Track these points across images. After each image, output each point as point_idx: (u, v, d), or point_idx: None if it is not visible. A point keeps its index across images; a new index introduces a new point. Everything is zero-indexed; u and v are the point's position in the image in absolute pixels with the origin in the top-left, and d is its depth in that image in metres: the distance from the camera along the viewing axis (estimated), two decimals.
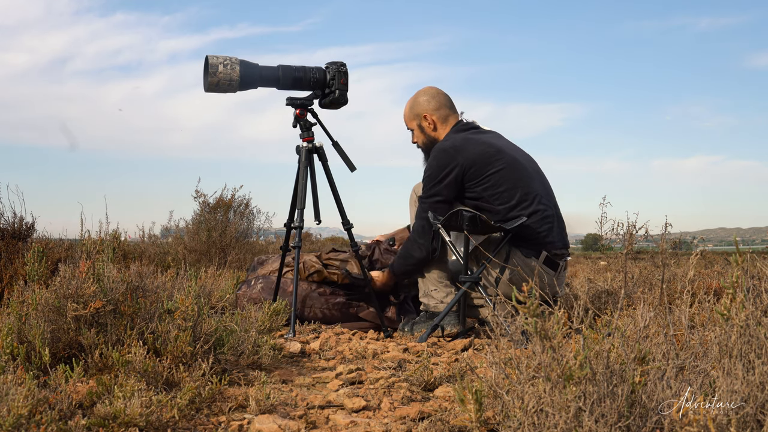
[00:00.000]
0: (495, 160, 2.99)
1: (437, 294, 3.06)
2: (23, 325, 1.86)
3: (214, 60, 2.88)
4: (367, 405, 1.76)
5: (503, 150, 3.04)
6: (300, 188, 3.00)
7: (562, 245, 3.05)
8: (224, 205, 6.26)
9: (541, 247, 2.97)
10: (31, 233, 3.67)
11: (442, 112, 3.19)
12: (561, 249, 3.04)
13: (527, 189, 2.99)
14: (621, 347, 1.27)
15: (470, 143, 3.02)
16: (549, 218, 3.00)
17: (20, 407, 1.31)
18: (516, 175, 2.99)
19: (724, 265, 3.81)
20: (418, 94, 3.24)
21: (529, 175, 3.04)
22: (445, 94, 3.24)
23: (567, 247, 3.10)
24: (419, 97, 3.22)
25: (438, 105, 3.19)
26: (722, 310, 1.25)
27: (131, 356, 1.76)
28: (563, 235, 3.09)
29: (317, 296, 3.23)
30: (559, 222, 3.09)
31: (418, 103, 3.20)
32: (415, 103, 3.22)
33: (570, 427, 1.16)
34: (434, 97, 3.20)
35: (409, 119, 3.24)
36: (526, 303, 1.28)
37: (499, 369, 1.42)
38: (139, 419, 1.47)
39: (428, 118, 3.18)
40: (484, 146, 3.02)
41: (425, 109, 3.18)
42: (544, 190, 3.08)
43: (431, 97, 3.20)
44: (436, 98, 3.20)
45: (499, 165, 2.98)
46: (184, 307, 1.94)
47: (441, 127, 3.18)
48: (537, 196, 3.00)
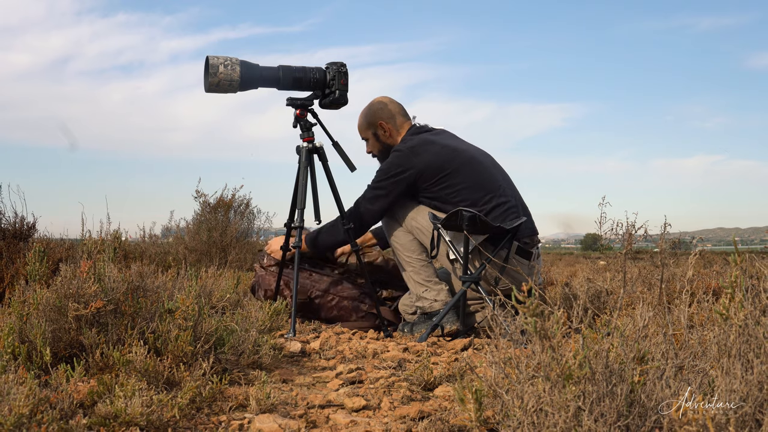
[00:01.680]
0: (451, 159, 3.08)
1: (429, 293, 3.08)
2: (24, 324, 1.86)
3: (215, 60, 2.88)
4: (367, 404, 1.76)
5: (459, 149, 3.14)
6: (300, 188, 3.00)
7: (531, 232, 3.13)
8: (225, 205, 6.26)
9: (511, 238, 3.01)
10: (33, 233, 3.68)
11: (398, 119, 3.29)
12: (530, 236, 3.11)
13: (486, 184, 3.08)
14: (620, 347, 1.28)
15: (427, 146, 3.11)
16: (513, 208, 3.08)
17: (21, 406, 1.32)
18: (475, 172, 3.08)
19: (723, 264, 3.81)
20: (372, 104, 3.33)
21: (487, 170, 3.13)
22: (397, 102, 3.34)
23: (536, 233, 3.17)
24: (373, 107, 3.31)
25: (391, 113, 3.29)
26: (721, 310, 1.25)
27: (132, 356, 1.76)
28: (531, 221, 3.18)
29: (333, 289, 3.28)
30: (524, 210, 3.18)
31: (373, 113, 3.29)
32: (369, 112, 3.31)
33: (569, 426, 1.17)
34: (387, 105, 3.30)
35: (364, 129, 3.32)
36: (525, 302, 1.28)
37: (498, 368, 1.42)
38: (140, 419, 1.47)
39: (384, 126, 3.27)
40: (439, 148, 3.11)
41: (380, 118, 3.28)
42: (505, 182, 3.17)
43: (384, 106, 3.30)
44: (389, 106, 3.30)
45: (455, 164, 3.07)
46: (185, 307, 1.94)
47: (396, 134, 3.28)
48: (497, 189, 3.09)
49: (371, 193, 3.14)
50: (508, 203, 3.09)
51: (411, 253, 3.13)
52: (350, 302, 3.29)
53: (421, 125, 3.29)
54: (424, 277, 3.11)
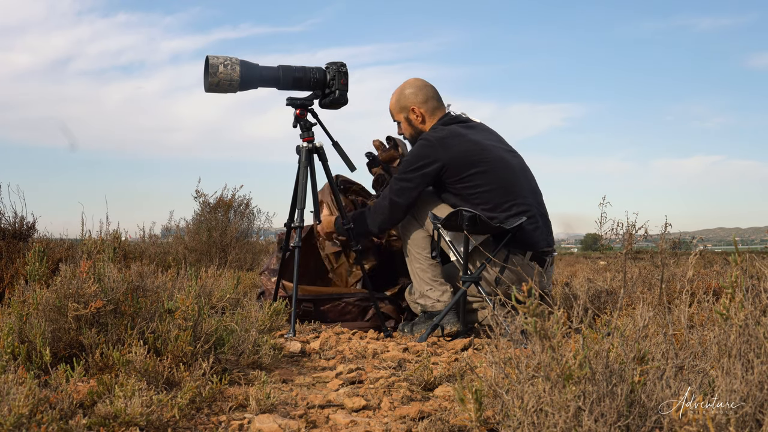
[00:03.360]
0: (478, 160, 2.97)
1: (433, 293, 3.06)
2: (24, 324, 1.86)
3: (215, 60, 2.88)
4: (367, 404, 1.76)
5: (488, 149, 3.02)
6: (300, 188, 3.00)
7: (546, 244, 3.05)
8: (224, 205, 6.27)
9: (526, 247, 2.97)
10: (32, 233, 3.68)
11: (430, 104, 3.15)
12: (545, 248, 3.04)
13: (510, 189, 2.98)
14: (620, 347, 1.28)
15: (456, 139, 3.00)
16: (533, 219, 2.99)
17: (21, 407, 1.32)
18: (499, 175, 2.98)
19: (723, 264, 3.81)
20: (404, 86, 3.19)
21: (514, 175, 3.02)
22: (432, 85, 3.20)
23: (551, 246, 3.09)
24: (405, 90, 3.18)
25: (425, 97, 3.15)
26: (721, 310, 1.25)
27: (132, 356, 1.76)
28: (548, 234, 3.08)
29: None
30: (545, 221, 3.08)
31: (405, 96, 3.17)
32: (401, 95, 3.18)
33: (569, 426, 1.17)
34: (421, 89, 3.16)
35: (396, 112, 3.21)
36: (525, 302, 1.28)
37: (498, 368, 1.42)
38: (140, 419, 1.47)
39: (416, 110, 3.14)
40: (469, 144, 3.00)
41: (412, 102, 3.15)
42: (529, 190, 3.06)
43: (418, 90, 3.16)
44: (423, 90, 3.16)
45: (482, 166, 2.97)
46: (185, 307, 1.94)
47: (429, 120, 3.15)
48: (520, 198, 2.98)
49: (397, 185, 3.04)
50: (528, 212, 2.97)
51: (422, 250, 3.07)
52: (356, 307, 3.28)
53: (455, 114, 3.15)
54: (430, 275, 3.07)
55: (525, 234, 2.95)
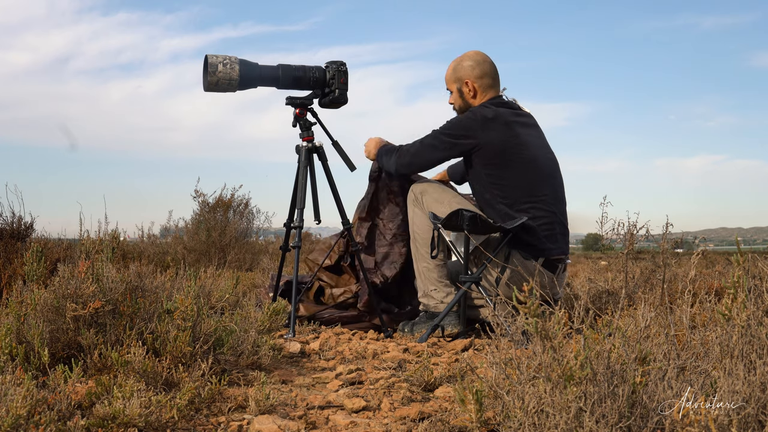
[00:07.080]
0: (512, 154, 2.93)
1: (437, 294, 3.04)
2: (22, 325, 1.85)
3: (214, 59, 2.87)
4: (367, 405, 1.75)
5: (526, 146, 2.96)
6: (300, 188, 3.00)
7: (560, 252, 3.00)
8: (224, 204, 6.26)
9: (539, 253, 2.94)
10: (30, 233, 3.67)
11: (485, 81, 3.10)
12: (559, 255, 3.00)
13: (533, 191, 2.94)
14: (622, 347, 1.27)
15: (500, 125, 2.94)
16: (550, 225, 2.95)
17: (19, 408, 1.31)
18: (527, 175, 2.94)
19: (726, 265, 3.81)
20: (464, 58, 3.15)
21: (541, 179, 2.98)
22: (492, 62, 3.15)
23: (566, 254, 3.05)
24: (464, 62, 3.13)
25: (482, 73, 3.10)
26: (723, 311, 1.25)
27: (130, 356, 1.76)
28: (564, 242, 3.04)
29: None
30: (562, 230, 3.03)
31: (462, 67, 3.12)
32: (458, 66, 3.14)
33: (571, 427, 1.16)
34: (480, 64, 3.11)
35: (451, 81, 3.16)
36: (526, 303, 1.27)
37: (499, 369, 1.41)
38: (139, 420, 1.46)
39: (469, 84, 3.10)
40: (509, 135, 2.94)
41: (468, 75, 3.10)
42: (553, 196, 3.00)
43: (476, 64, 3.11)
44: (481, 66, 3.11)
45: (513, 160, 2.93)
46: (184, 307, 1.93)
47: (480, 96, 3.10)
48: (540, 202, 2.94)
49: (430, 141, 3.03)
50: (545, 218, 2.93)
51: (431, 249, 3.03)
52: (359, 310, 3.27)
53: (508, 99, 3.11)
54: (436, 276, 3.05)
55: (538, 239, 2.92)
